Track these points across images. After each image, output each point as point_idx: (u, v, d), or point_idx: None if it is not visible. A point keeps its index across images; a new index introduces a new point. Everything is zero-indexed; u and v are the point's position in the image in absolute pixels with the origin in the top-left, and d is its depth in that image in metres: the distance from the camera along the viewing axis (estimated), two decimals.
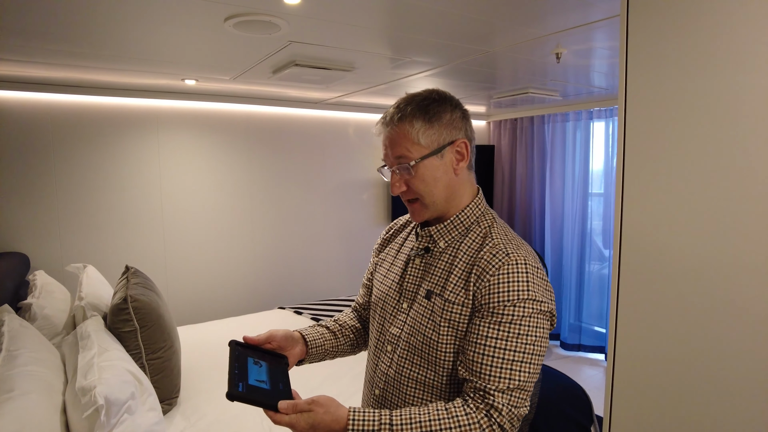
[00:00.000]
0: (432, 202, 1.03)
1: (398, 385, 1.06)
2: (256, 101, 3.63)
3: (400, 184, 1.03)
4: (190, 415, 1.88)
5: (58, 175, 2.93)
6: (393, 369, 1.07)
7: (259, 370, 0.95)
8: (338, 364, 2.35)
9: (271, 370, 0.98)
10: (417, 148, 1.00)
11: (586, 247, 4.16)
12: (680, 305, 1.09)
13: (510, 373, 0.89)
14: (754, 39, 0.95)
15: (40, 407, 1.30)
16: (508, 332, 0.90)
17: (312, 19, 1.77)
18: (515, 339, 0.90)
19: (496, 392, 0.88)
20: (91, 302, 2.03)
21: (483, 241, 1.01)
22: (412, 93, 1.05)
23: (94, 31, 1.89)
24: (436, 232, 1.07)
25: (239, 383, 0.88)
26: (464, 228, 1.05)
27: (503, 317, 0.91)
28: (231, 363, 0.93)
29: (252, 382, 0.90)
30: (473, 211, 1.07)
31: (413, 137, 1.00)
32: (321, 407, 0.87)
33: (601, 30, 1.97)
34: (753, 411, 0.99)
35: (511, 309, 0.91)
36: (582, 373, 3.77)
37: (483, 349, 0.91)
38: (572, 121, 4.17)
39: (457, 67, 2.60)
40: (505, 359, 0.89)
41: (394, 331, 1.09)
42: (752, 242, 0.98)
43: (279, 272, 3.88)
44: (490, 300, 0.92)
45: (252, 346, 1.03)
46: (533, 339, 0.91)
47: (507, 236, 1.01)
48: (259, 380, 0.92)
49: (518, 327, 0.90)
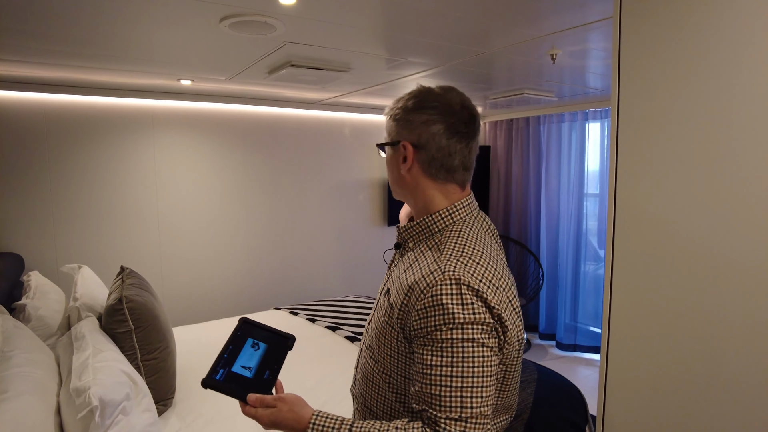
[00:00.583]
0: (392, 185, 1.11)
1: (361, 378, 1.08)
2: (251, 101, 3.62)
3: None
4: (185, 416, 1.87)
5: (53, 176, 2.92)
6: (360, 361, 1.10)
7: (253, 353, 0.95)
8: (334, 365, 2.35)
9: (267, 355, 0.96)
10: (385, 134, 1.10)
11: (581, 248, 4.17)
12: (673, 304, 1.10)
13: (461, 400, 0.83)
14: (745, 42, 0.96)
15: (34, 408, 1.29)
16: (451, 357, 0.84)
17: (307, 19, 1.77)
18: (459, 363, 0.84)
19: (448, 421, 0.83)
20: (86, 303, 2.02)
21: (437, 251, 0.95)
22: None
23: (90, 32, 1.89)
24: (405, 230, 1.07)
25: (221, 369, 0.89)
26: (428, 233, 1.02)
27: (443, 342, 0.85)
28: (226, 344, 0.93)
29: (236, 369, 0.91)
30: (441, 218, 1.01)
31: (387, 126, 1.08)
32: (286, 404, 0.88)
33: (596, 31, 1.98)
34: (746, 408, 1.00)
35: (448, 333, 0.84)
36: (578, 373, 3.78)
37: (429, 379, 0.85)
38: (568, 122, 4.19)
39: (452, 68, 2.61)
40: (453, 386, 0.83)
41: (366, 328, 1.12)
42: (745, 241, 0.98)
43: (275, 273, 3.88)
44: (421, 324, 0.87)
45: (260, 325, 1.00)
46: (480, 361, 0.84)
47: (456, 250, 0.94)
48: (245, 366, 0.93)
49: (461, 350, 0.84)
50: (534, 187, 4.48)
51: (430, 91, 1.03)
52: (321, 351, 2.51)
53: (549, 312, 4.40)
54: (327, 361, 2.38)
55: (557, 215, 4.32)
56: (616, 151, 1.16)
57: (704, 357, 1.05)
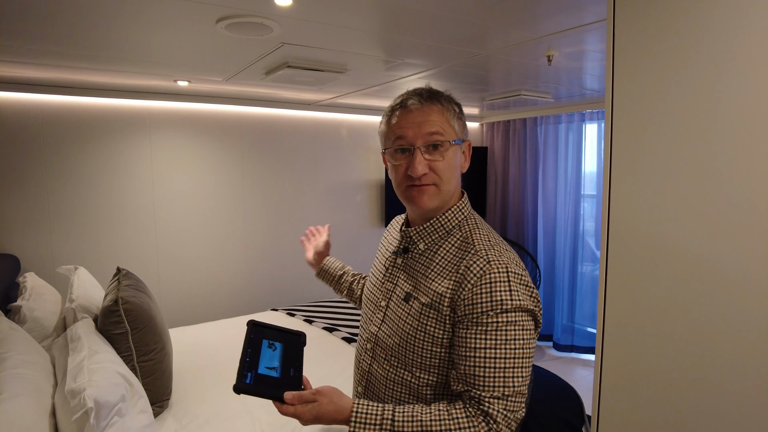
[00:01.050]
0: (447, 190, 1.02)
1: (378, 383, 1.06)
2: (248, 102, 3.62)
3: (424, 165, 1.00)
4: (181, 417, 1.87)
5: (49, 177, 2.91)
6: (374, 367, 1.08)
7: (273, 354, 0.94)
8: (331, 366, 2.35)
9: (285, 353, 0.96)
10: (450, 131, 1.02)
11: (578, 249, 4.18)
12: (667, 305, 1.10)
13: (503, 380, 0.89)
14: (738, 44, 0.96)
15: (29, 410, 1.29)
16: (495, 340, 0.90)
17: (304, 20, 1.77)
18: (503, 345, 0.90)
19: (491, 399, 0.88)
20: (82, 304, 2.01)
21: (464, 246, 0.99)
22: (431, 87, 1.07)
23: (86, 33, 1.89)
24: (416, 233, 1.06)
25: (248, 373, 0.86)
26: (445, 231, 1.04)
27: (488, 326, 0.90)
28: (244, 348, 0.91)
29: (262, 371, 0.89)
30: (456, 215, 1.05)
31: (448, 118, 1.02)
32: (325, 397, 0.88)
33: (593, 33, 1.98)
34: (739, 408, 1.01)
35: (495, 317, 0.90)
36: (575, 374, 3.79)
37: (474, 361, 0.90)
38: (565, 123, 4.20)
39: (450, 69, 2.61)
40: (497, 367, 0.89)
41: (372, 329, 1.10)
42: (737, 243, 0.99)
43: (272, 274, 3.87)
44: (474, 310, 0.92)
45: (270, 326, 1.00)
46: (521, 343, 0.91)
47: (490, 242, 1.00)
48: (270, 367, 0.91)
49: (505, 333, 0.90)
50: (531, 189, 4.49)
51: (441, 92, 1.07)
52: (318, 352, 2.51)
53: (546, 313, 4.40)
54: (324, 363, 2.38)
55: (554, 216, 4.33)
56: (610, 153, 1.17)
57: (698, 358, 1.05)
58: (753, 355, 0.98)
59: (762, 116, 0.94)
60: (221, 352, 2.52)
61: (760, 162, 0.95)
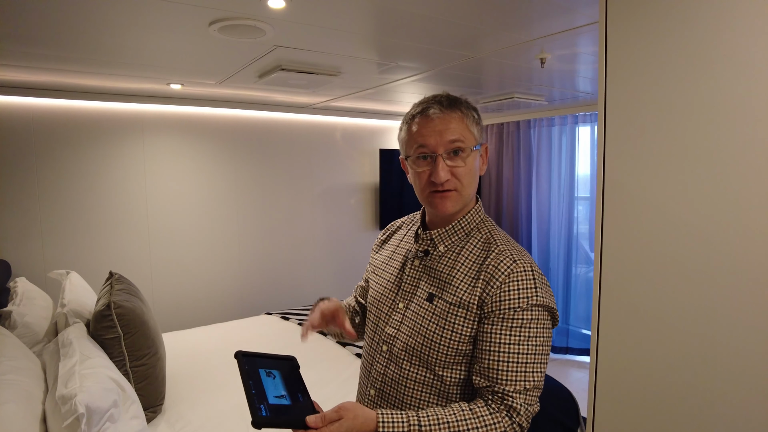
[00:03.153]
0: (468, 194, 1.06)
1: (396, 385, 1.06)
2: (242, 105, 3.61)
3: (447, 171, 1.02)
4: (174, 422, 1.85)
5: (41, 180, 2.89)
6: (391, 369, 1.07)
7: (275, 382, 0.90)
8: (325, 369, 2.34)
9: (286, 380, 0.93)
10: (471, 137, 1.05)
11: (572, 251, 4.19)
12: (662, 306, 1.10)
13: (525, 375, 0.93)
14: (730, 45, 0.97)
15: (19, 416, 1.27)
16: (519, 336, 0.94)
17: (297, 23, 1.77)
18: (526, 342, 0.94)
19: (514, 393, 0.92)
20: (74, 309, 2.00)
21: (487, 247, 1.04)
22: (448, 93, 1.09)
23: (78, 36, 1.87)
24: (438, 235, 1.09)
25: (260, 405, 0.82)
26: (464, 233, 1.08)
27: (514, 322, 0.94)
28: (245, 382, 0.86)
29: (272, 401, 0.85)
30: (473, 218, 1.09)
31: (469, 125, 1.05)
32: (350, 412, 0.87)
33: (585, 35, 1.99)
34: (735, 409, 1.01)
35: (521, 314, 0.94)
36: (570, 375, 3.79)
37: (498, 356, 0.94)
38: (558, 126, 4.21)
39: (443, 72, 2.62)
40: (520, 362, 0.93)
41: (390, 330, 1.10)
42: (732, 243, 0.99)
43: (266, 278, 3.86)
44: (501, 306, 0.95)
45: (260, 354, 0.97)
46: (542, 340, 0.95)
47: (510, 243, 1.05)
48: (278, 396, 0.88)
49: (528, 330, 0.94)
50: (525, 191, 4.50)
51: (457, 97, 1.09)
52: (313, 356, 2.50)
53: None
54: (319, 366, 2.38)
55: (548, 219, 4.34)
56: (603, 154, 1.17)
57: (693, 359, 1.06)
58: (747, 356, 0.98)
59: (755, 117, 0.95)
60: (215, 356, 2.50)
61: (753, 163, 0.95)
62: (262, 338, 2.81)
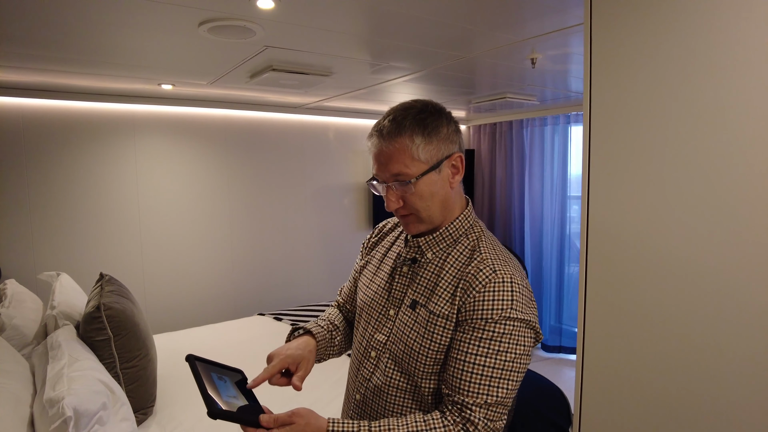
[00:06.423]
0: (428, 216, 1.01)
1: (379, 392, 1.05)
2: (234, 106, 3.60)
3: (396, 200, 0.99)
4: (165, 424, 1.85)
5: (31, 181, 2.87)
6: (376, 376, 1.07)
7: (227, 385, 0.93)
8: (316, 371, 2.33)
9: (237, 385, 0.96)
10: (416, 164, 0.96)
11: (565, 250, 4.21)
12: (647, 304, 1.11)
13: (488, 388, 0.89)
14: (714, 45, 0.98)
15: (5, 420, 1.26)
16: (488, 348, 0.90)
17: (287, 24, 1.77)
18: (494, 355, 0.90)
19: (473, 406, 0.89)
20: (64, 311, 1.98)
21: (471, 254, 1.00)
22: (406, 104, 1.01)
23: (68, 36, 1.86)
24: (425, 243, 1.06)
25: (215, 401, 0.85)
26: (452, 240, 1.04)
27: (484, 333, 0.91)
28: (198, 380, 0.89)
29: (226, 398, 0.88)
30: (462, 224, 1.05)
31: (413, 153, 0.96)
32: (302, 418, 0.87)
33: (576, 35, 2.00)
34: (720, 405, 1.02)
35: (492, 326, 0.91)
36: (562, 374, 3.81)
37: (462, 365, 0.91)
38: (550, 126, 4.23)
39: (435, 72, 2.62)
40: (485, 375, 0.90)
41: (380, 337, 1.08)
42: (716, 241, 1.00)
43: (258, 278, 3.85)
44: (473, 316, 0.92)
45: (209, 361, 1.00)
46: (513, 356, 0.91)
47: (495, 251, 1.00)
48: (231, 395, 0.90)
49: (498, 344, 0.90)
50: (518, 191, 4.52)
51: (415, 107, 1.00)
52: None
53: None
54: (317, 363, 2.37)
55: (541, 218, 4.35)
56: (588, 154, 1.18)
57: (679, 357, 1.06)
58: (733, 353, 0.99)
59: (740, 117, 0.95)
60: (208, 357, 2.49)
61: (737, 162, 0.96)
62: (255, 339, 2.80)
